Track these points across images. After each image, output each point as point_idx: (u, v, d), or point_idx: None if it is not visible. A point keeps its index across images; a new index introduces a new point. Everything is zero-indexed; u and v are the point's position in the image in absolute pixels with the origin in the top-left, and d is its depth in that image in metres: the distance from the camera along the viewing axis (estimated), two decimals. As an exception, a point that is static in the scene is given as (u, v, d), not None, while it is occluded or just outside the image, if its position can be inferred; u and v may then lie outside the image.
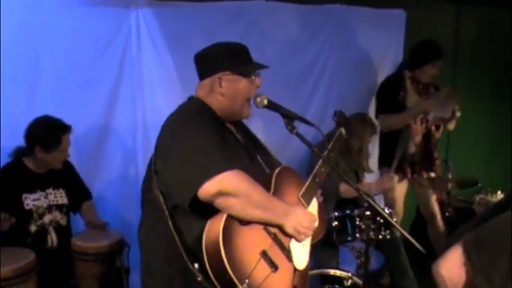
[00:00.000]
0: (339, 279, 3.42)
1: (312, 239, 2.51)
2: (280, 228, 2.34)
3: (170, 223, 2.33)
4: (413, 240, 2.39)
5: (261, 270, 2.20)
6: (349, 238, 3.60)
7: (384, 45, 5.11)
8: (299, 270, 2.39)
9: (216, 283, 2.15)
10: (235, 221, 2.21)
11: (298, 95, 4.80)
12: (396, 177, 4.83)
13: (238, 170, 2.24)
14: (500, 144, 6.21)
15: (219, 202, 2.20)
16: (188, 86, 2.68)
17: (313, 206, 2.56)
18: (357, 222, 3.51)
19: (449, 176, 4.44)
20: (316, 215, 2.50)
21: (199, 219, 2.25)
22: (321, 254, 3.90)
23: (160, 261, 2.44)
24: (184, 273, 2.31)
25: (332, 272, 3.43)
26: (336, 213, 3.61)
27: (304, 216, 2.38)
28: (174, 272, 2.39)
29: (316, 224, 2.44)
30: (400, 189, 4.91)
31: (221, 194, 2.18)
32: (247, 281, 2.12)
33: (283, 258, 2.32)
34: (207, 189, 2.18)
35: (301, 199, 2.48)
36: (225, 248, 2.11)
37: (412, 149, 4.75)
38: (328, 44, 4.95)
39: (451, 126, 4.82)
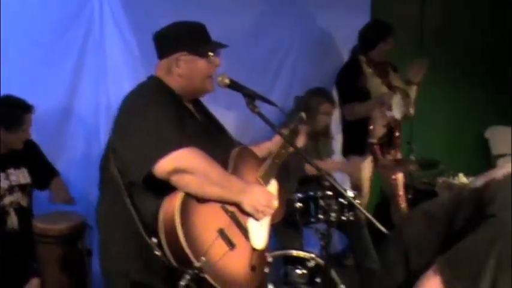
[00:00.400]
0: (302, 261, 3.43)
1: (272, 220, 2.51)
2: (238, 206, 2.34)
3: (128, 201, 2.32)
4: (375, 221, 2.41)
5: (218, 248, 2.21)
6: (313, 219, 3.60)
7: (348, 28, 5.10)
8: (257, 250, 2.40)
9: (172, 260, 2.16)
10: (192, 199, 2.21)
11: (263, 78, 4.79)
12: (369, 158, 4.89)
13: (195, 148, 2.24)
14: (464, 128, 6.30)
15: (175, 180, 2.20)
16: (151, 66, 2.65)
17: (273, 187, 2.57)
18: (320, 204, 3.52)
19: (412, 158, 4.49)
20: (275, 194, 2.51)
21: (156, 196, 2.25)
22: (284, 236, 3.92)
23: (118, 241, 2.43)
24: (143, 251, 2.30)
25: (295, 253, 3.43)
26: (299, 195, 3.62)
27: (263, 194, 2.39)
28: (132, 251, 2.38)
29: (275, 203, 2.45)
30: (367, 171, 4.96)
31: (177, 171, 2.18)
32: (203, 258, 2.12)
33: (241, 236, 2.33)
34: (163, 166, 2.18)
35: (260, 179, 2.49)
36: (182, 226, 2.12)
37: (380, 131, 4.81)
38: (293, 27, 4.95)
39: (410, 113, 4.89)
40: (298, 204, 3.61)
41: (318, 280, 3.31)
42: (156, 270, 2.33)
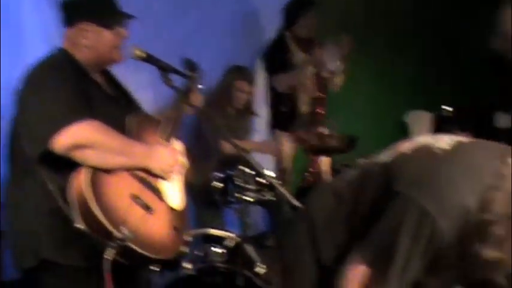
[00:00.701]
0: (221, 240, 3.40)
1: (185, 178, 2.55)
2: (147, 170, 2.34)
3: (37, 175, 2.27)
4: (294, 201, 2.42)
5: (136, 214, 2.20)
6: (232, 199, 3.59)
7: (275, 7, 5.11)
8: (176, 211, 2.42)
9: (92, 235, 2.13)
10: (99, 171, 2.18)
11: (186, 55, 4.69)
12: (288, 138, 4.94)
13: (92, 121, 2.20)
14: (385, 111, 6.41)
15: (76, 156, 2.17)
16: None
17: (176, 145, 2.57)
18: (239, 183, 3.50)
19: (332, 135, 4.58)
20: (180, 151, 2.52)
21: (61, 173, 2.21)
22: (204, 215, 3.91)
23: (28, 218, 2.36)
24: (58, 227, 2.27)
25: (214, 232, 3.41)
26: (218, 174, 3.60)
27: (167, 153, 2.40)
28: (44, 228, 2.32)
29: (182, 159, 2.49)
30: (290, 149, 5.01)
31: (76, 147, 2.15)
32: (123, 227, 2.09)
33: (156, 199, 2.34)
34: (60, 142, 2.14)
35: (162, 140, 2.48)
36: (95, 200, 2.09)
37: (304, 107, 4.86)
38: (219, 4, 4.94)
39: (337, 81, 4.94)
40: (217, 184, 3.60)
41: (236, 259, 3.30)
42: (74, 247, 2.29)
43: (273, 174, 3.42)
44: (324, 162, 5.04)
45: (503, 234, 1.48)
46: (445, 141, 1.71)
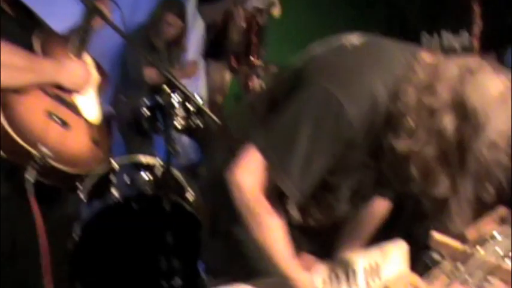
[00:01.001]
0: (150, 167, 3.36)
1: (96, 89, 2.51)
2: (59, 86, 2.29)
3: None
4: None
5: (53, 131, 2.16)
6: (161, 126, 3.55)
7: None
8: (94, 124, 2.39)
9: (10, 158, 2.08)
10: (9, 93, 2.10)
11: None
12: (221, 67, 4.91)
13: None
14: (318, 33, 6.36)
15: None
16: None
17: (86, 58, 2.51)
18: (167, 110, 3.44)
19: (264, 64, 4.57)
20: (89, 63, 2.47)
21: None
22: (134, 142, 3.85)
23: None
24: None
25: (143, 159, 3.37)
26: (146, 101, 3.54)
27: (78, 66, 2.36)
28: None
29: (93, 71, 2.46)
30: (223, 77, 4.99)
31: None
32: (41, 146, 2.05)
33: (72, 114, 2.30)
34: None
35: (71, 54, 2.41)
36: (9, 123, 2.03)
37: (236, 37, 4.81)
38: None
39: (275, 11, 4.89)
40: (146, 111, 3.54)
41: (165, 186, 3.26)
42: None
43: (201, 100, 3.38)
44: (257, 88, 5.03)
45: (414, 126, 1.45)
46: (355, 38, 1.68)
